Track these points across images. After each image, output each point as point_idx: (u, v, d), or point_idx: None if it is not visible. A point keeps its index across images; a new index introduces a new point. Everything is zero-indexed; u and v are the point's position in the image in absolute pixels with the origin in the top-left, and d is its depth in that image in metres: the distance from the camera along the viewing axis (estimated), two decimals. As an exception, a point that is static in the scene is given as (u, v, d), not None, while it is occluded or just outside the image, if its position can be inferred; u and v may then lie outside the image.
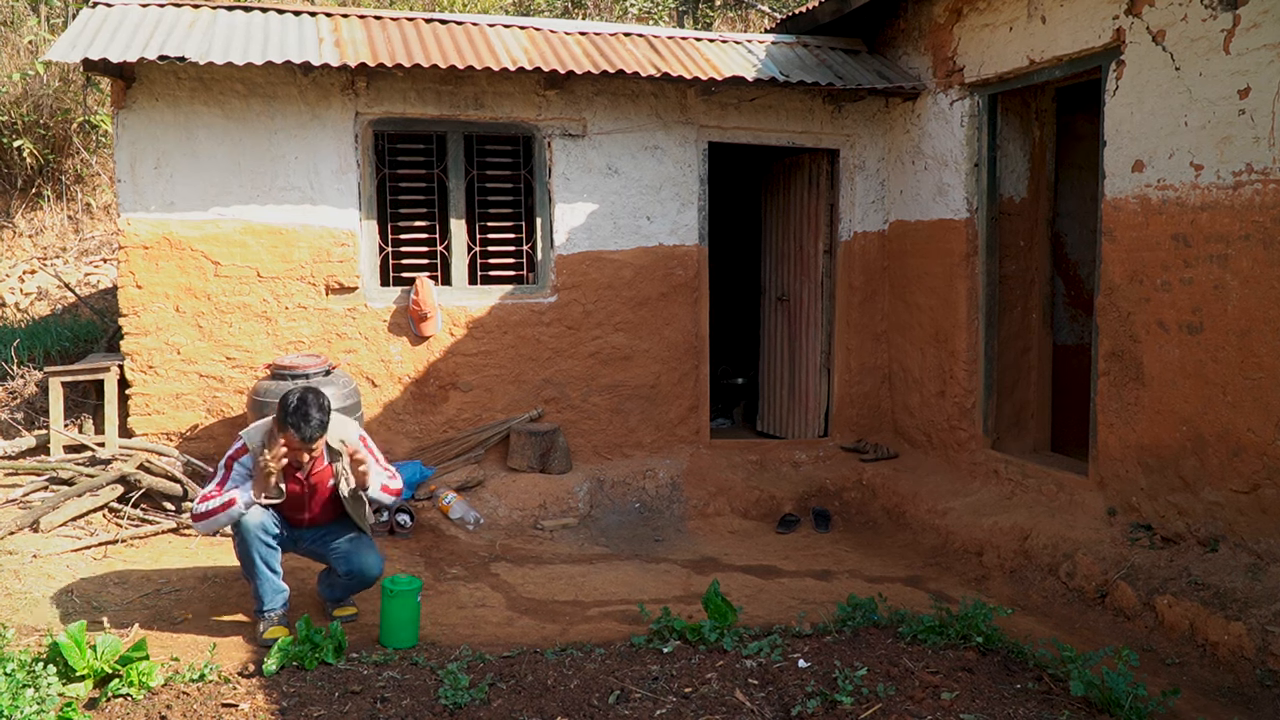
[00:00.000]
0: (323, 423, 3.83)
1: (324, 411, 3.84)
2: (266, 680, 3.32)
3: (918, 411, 6.77)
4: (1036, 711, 2.95)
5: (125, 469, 5.29)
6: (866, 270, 7.03)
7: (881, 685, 3.10)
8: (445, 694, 3.17)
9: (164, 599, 4.32)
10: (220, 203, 5.80)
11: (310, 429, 3.78)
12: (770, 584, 5.06)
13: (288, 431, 3.80)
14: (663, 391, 6.69)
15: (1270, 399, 4.21)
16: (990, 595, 4.84)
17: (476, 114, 6.19)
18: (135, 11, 5.85)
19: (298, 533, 4.08)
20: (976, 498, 5.88)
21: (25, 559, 4.53)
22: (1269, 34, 4.14)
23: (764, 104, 6.71)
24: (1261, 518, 4.27)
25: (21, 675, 3.03)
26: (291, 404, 3.80)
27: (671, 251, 6.63)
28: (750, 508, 6.38)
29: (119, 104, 5.64)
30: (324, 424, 3.84)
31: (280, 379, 5.44)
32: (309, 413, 3.78)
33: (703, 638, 3.60)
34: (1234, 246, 4.35)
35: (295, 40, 5.75)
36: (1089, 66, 5.25)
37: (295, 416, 3.77)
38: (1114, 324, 5.05)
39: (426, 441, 6.26)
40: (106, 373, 5.74)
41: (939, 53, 6.35)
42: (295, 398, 3.81)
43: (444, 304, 6.23)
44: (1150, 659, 3.98)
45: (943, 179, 6.36)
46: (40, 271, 9.01)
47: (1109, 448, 5.10)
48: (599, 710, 3.09)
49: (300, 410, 3.78)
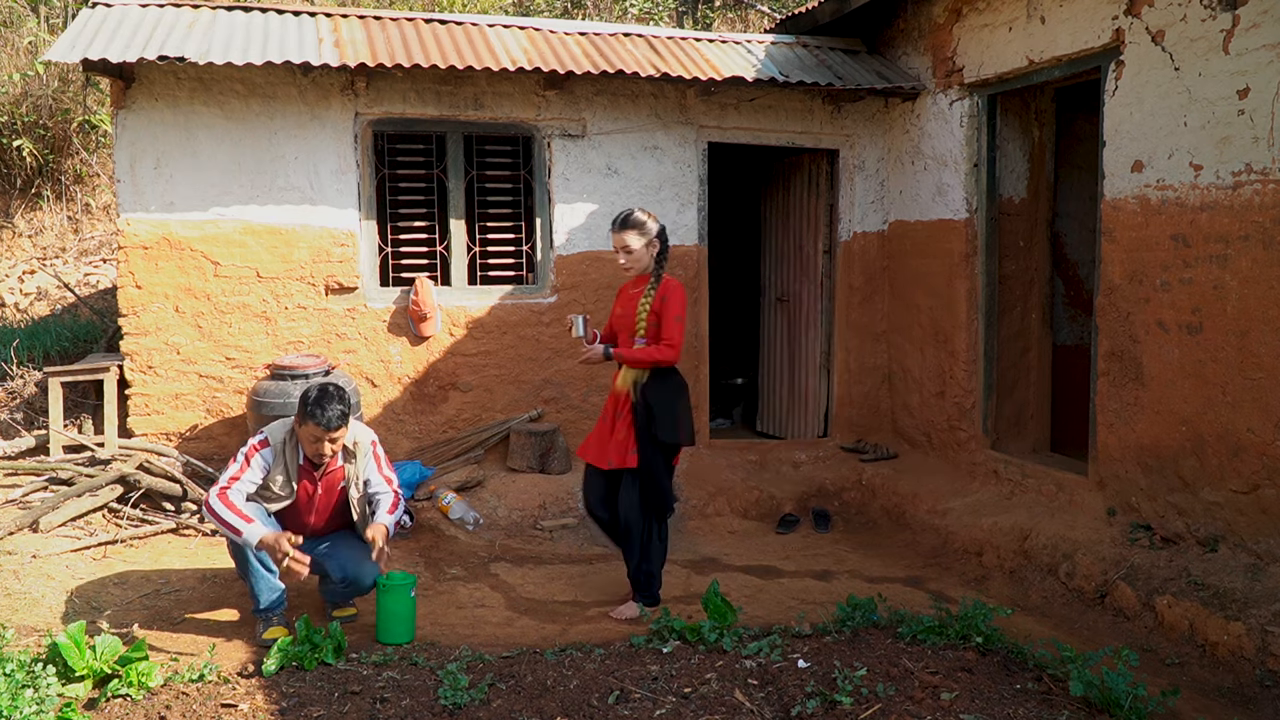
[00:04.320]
0: (344, 412, 3.90)
1: (344, 402, 3.92)
2: (266, 680, 3.32)
3: (917, 412, 6.77)
4: (1036, 711, 2.95)
5: (125, 469, 5.29)
6: (866, 270, 7.03)
7: (881, 685, 3.10)
8: (445, 694, 3.17)
9: (164, 599, 4.32)
10: (220, 203, 5.80)
11: (331, 416, 3.85)
12: (770, 584, 5.06)
13: (308, 424, 3.86)
14: (662, 392, 6.68)
15: (1270, 399, 4.21)
16: (990, 595, 4.84)
17: (476, 114, 6.19)
18: (135, 11, 5.85)
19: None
20: (976, 498, 5.88)
21: (25, 559, 4.53)
22: (1268, 34, 4.14)
23: (764, 104, 6.71)
24: (1261, 518, 4.27)
25: (21, 675, 3.03)
26: (312, 395, 3.87)
27: (671, 252, 6.63)
28: (750, 508, 6.37)
29: (119, 104, 5.64)
30: (345, 414, 3.91)
31: (280, 379, 5.44)
32: (330, 402, 3.86)
33: (702, 638, 3.60)
34: (1233, 247, 4.35)
35: (295, 40, 5.75)
36: (1088, 67, 5.25)
37: (316, 406, 3.84)
38: (1114, 324, 5.05)
39: (426, 441, 6.26)
40: (106, 373, 5.74)
41: (938, 53, 6.35)
42: (315, 390, 3.89)
43: (444, 304, 6.23)
44: (1150, 659, 3.98)
45: (942, 179, 6.36)
46: (40, 272, 9.01)
47: (1109, 448, 5.10)
48: (599, 710, 3.09)
49: (321, 400, 3.85)
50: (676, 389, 4.43)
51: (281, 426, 4.06)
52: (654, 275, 4.41)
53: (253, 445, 3.98)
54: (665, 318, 4.31)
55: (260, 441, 4.00)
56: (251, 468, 3.94)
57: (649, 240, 4.37)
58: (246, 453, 3.96)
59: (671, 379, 4.43)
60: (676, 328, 4.31)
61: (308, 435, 3.91)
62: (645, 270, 4.43)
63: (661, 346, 4.31)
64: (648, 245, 4.37)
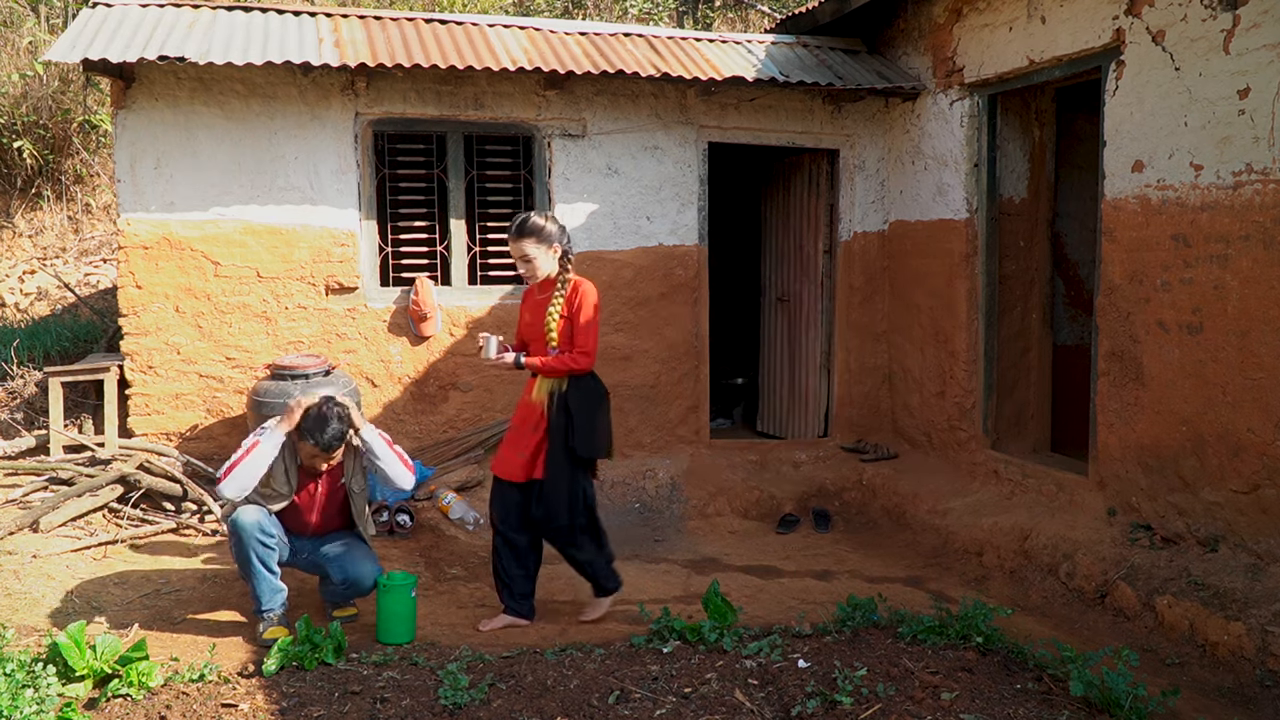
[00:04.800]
0: (342, 433, 3.91)
1: (344, 421, 3.93)
2: (266, 680, 3.32)
3: (918, 411, 6.77)
4: (1036, 711, 2.95)
5: (125, 469, 5.29)
6: (866, 270, 7.03)
7: (881, 685, 3.10)
8: (445, 694, 3.16)
9: (164, 599, 4.32)
10: (220, 203, 5.80)
11: (330, 440, 3.87)
12: (770, 584, 5.06)
13: (306, 442, 3.88)
14: (663, 391, 6.69)
15: (1270, 399, 4.21)
16: (990, 595, 4.84)
17: (476, 114, 6.19)
18: (135, 11, 5.85)
19: (297, 543, 4.09)
20: (976, 498, 5.88)
21: (25, 559, 4.53)
22: (1269, 34, 4.14)
23: (764, 104, 6.71)
24: (1261, 518, 4.27)
25: (21, 675, 3.03)
26: (313, 415, 3.89)
27: (671, 251, 6.63)
28: (750, 508, 6.37)
29: (119, 104, 5.64)
30: (343, 434, 3.92)
31: (280, 379, 5.44)
32: (328, 425, 3.87)
33: (702, 638, 3.60)
34: (1234, 247, 4.35)
35: (295, 40, 5.76)
36: (1089, 67, 5.25)
37: (317, 428, 3.86)
38: (1114, 324, 5.05)
39: (426, 441, 6.26)
40: (106, 373, 5.74)
41: (939, 53, 6.35)
42: (315, 410, 3.91)
43: (444, 304, 6.23)
44: (1150, 659, 3.97)
45: (943, 179, 6.36)
46: (40, 272, 9.01)
47: (1109, 448, 5.10)
48: (599, 710, 3.09)
49: (321, 423, 3.87)
50: (598, 398, 4.20)
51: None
52: (560, 280, 4.15)
53: (253, 440, 3.96)
54: (577, 324, 4.07)
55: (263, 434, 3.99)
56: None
57: (550, 245, 4.11)
58: (249, 445, 3.95)
59: (593, 387, 4.19)
60: (590, 333, 4.08)
61: (306, 451, 3.94)
62: (550, 274, 4.18)
63: (575, 355, 4.07)
64: (549, 250, 4.11)
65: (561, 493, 4.13)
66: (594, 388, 4.21)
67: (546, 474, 4.14)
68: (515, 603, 4.27)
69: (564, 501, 4.14)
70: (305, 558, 4.12)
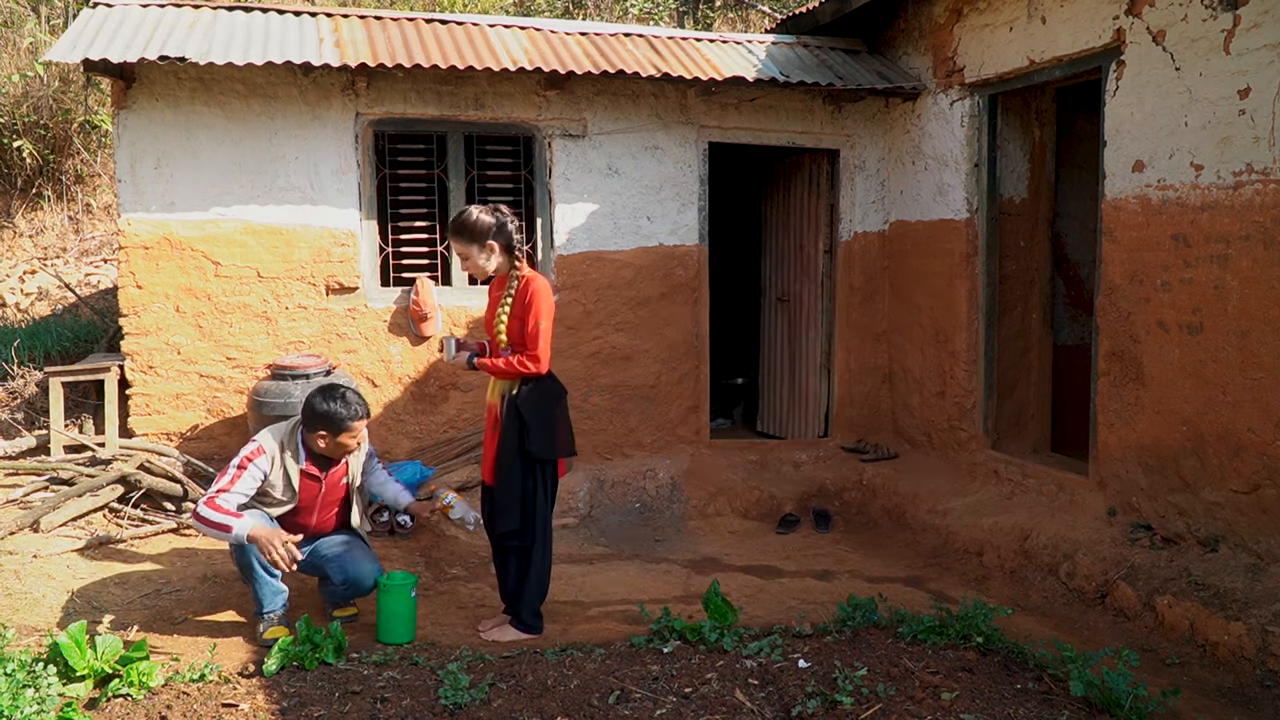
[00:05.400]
0: (360, 396, 3.94)
1: (357, 393, 3.95)
2: (267, 680, 3.32)
3: (918, 411, 6.77)
4: (1036, 711, 2.95)
5: (125, 469, 5.29)
6: (867, 270, 7.03)
7: (881, 685, 3.10)
8: (445, 694, 3.17)
9: (164, 599, 4.32)
10: (220, 203, 5.80)
11: (357, 406, 3.87)
12: (770, 584, 5.06)
13: (320, 430, 3.85)
14: (663, 391, 6.69)
15: (1270, 399, 4.21)
16: (990, 595, 4.84)
17: (477, 114, 6.19)
18: (135, 12, 5.85)
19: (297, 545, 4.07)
20: (976, 498, 5.88)
21: (25, 559, 4.53)
22: (1269, 34, 4.14)
23: (764, 104, 6.72)
24: (1261, 518, 4.27)
25: (21, 675, 3.03)
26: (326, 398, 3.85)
27: (672, 251, 6.63)
28: (750, 508, 6.37)
29: (119, 104, 5.64)
30: (361, 397, 3.94)
31: (280, 379, 5.45)
32: (343, 395, 3.86)
33: (703, 638, 3.60)
34: (1234, 247, 4.35)
35: (295, 40, 5.76)
36: (1089, 67, 5.25)
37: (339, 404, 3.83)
38: (1114, 324, 5.05)
39: (426, 441, 6.26)
40: (106, 373, 5.74)
41: (939, 53, 6.35)
42: (323, 393, 3.87)
43: (444, 304, 6.24)
44: (1150, 659, 3.98)
45: (943, 179, 6.36)
46: (40, 272, 9.01)
47: (1109, 448, 5.10)
48: (599, 710, 3.09)
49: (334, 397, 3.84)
50: (553, 397, 4.04)
51: (276, 432, 3.96)
52: (511, 276, 3.96)
53: (245, 455, 3.85)
54: (526, 326, 3.87)
55: (254, 450, 3.88)
56: (243, 479, 3.80)
57: (483, 243, 3.89)
58: (239, 463, 3.83)
59: (547, 386, 4.03)
60: (540, 336, 3.87)
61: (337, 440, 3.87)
62: (500, 271, 4.00)
63: (524, 358, 3.89)
64: (483, 248, 3.90)
65: (512, 497, 3.99)
66: (549, 386, 4.04)
67: (496, 478, 4.05)
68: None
69: (514, 507, 4.00)
70: (305, 559, 4.11)
